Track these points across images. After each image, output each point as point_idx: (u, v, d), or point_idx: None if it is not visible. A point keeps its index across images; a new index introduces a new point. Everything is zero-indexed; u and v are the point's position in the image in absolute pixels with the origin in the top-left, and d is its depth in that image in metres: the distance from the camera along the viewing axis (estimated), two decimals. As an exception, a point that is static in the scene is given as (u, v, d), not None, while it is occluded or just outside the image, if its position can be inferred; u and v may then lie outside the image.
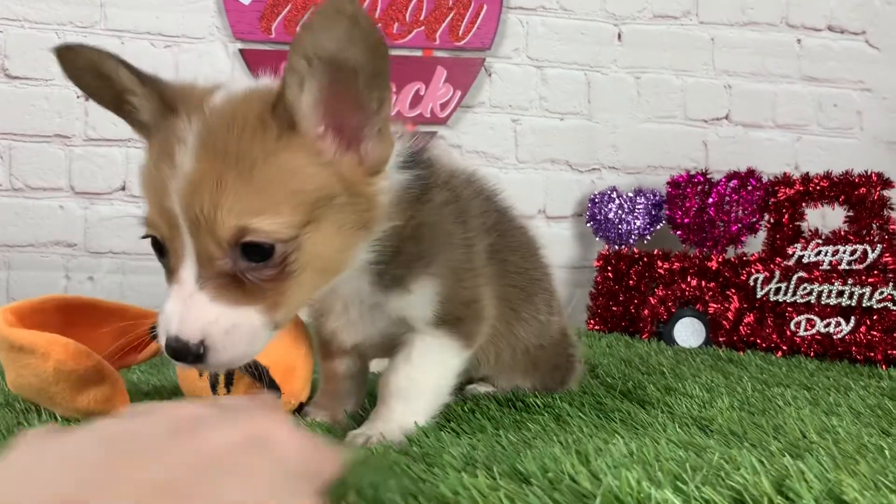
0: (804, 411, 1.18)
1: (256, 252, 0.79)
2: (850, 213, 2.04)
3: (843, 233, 2.03)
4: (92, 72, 0.84)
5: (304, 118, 0.82)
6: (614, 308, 2.38)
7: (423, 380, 1.04)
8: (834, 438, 1.01)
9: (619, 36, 2.65)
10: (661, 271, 2.27)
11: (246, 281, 0.80)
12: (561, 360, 1.33)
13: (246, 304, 0.80)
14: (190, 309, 0.79)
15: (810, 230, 2.10)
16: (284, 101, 0.80)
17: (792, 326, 2.02)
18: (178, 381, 1.09)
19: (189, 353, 0.78)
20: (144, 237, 0.84)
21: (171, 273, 0.81)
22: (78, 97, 2.42)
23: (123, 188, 2.45)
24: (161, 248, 0.83)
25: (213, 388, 1.04)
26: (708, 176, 2.31)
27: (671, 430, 1.05)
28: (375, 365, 1.49)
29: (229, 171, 0.78)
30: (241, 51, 2.48)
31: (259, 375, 1.04)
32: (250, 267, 0.80)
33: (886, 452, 0.93)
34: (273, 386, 1.06)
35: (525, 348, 1.25)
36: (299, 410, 1.13)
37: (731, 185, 2.24)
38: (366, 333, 1.05)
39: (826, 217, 2.48)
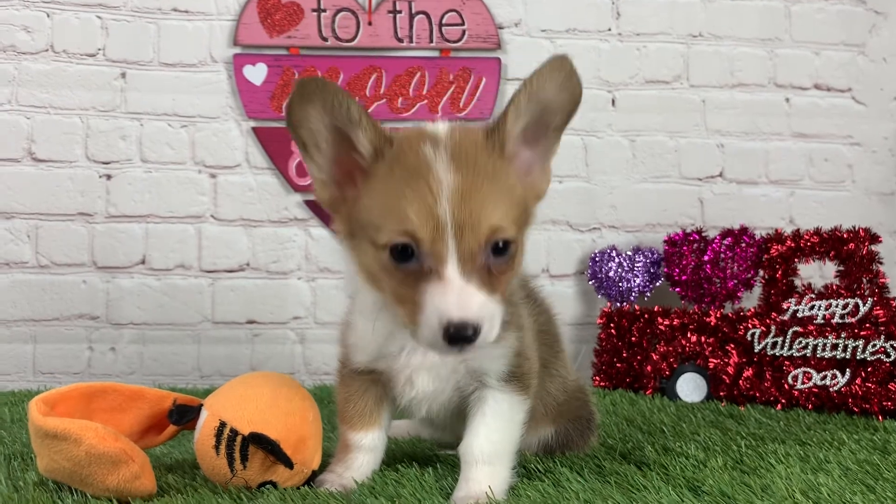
0: (794, 469, 1.23)
1: (500, 249, 1.00)
2: (841, 268, 2.11)
3: (834, 287, 2.09)
4: (323, 101, 1.02)
5: (511, 144, 1.06)
6: (618, 364, 2.44)
7: (503, 439, 1.14)
8: (817, 497, 1.07)
9: (613, 102, 2.77)
10: (662, 328, 2.34)
11: (490, 274, 0.99)
12: (583, 412, 1.42)
13: (491, 294, 0.99)
14: (467, 298, 0.95)
15: (804, 285, 2.17)
16: (502, 128, 1.04)
17: (790, 380, 2.07)
18: (196, 457, 1.16)
19: (465, 336, 0.94)
20: (395, 245, 0.98)
21: (425, 273, 0.97)
22: (100, 177, 2.56)
23: (143, 262, 2.56)
24: (408, 255, 0.98)
25: (231, 463, 1.11)
26: (703, 234, 2.40)
27: (664, 493, 1.10)
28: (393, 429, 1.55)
29: (484, 183, 0.99)
30: (254, 129, 2.61)
31: (272, 449, 1.11)
32: (495, 261, 1.00)
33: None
34: (285, 458, 1.13)
35: (553, 403, 1.35)
36: (312, 479, 1.19)
37: (725, 242, 2.33)
38: (441, 393, 1.16)
39: (824, 269, 2.56)
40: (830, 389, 2.01)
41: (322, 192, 1.10)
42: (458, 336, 0.93)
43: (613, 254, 2.57)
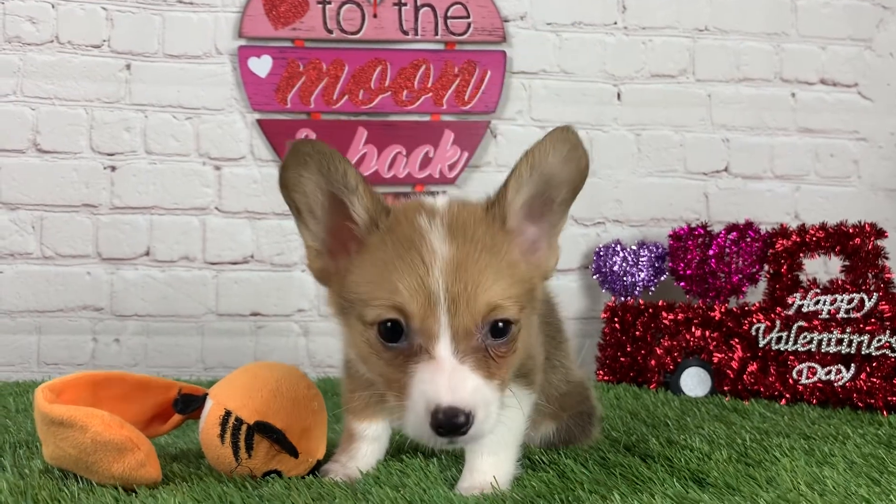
0: (799, 462, 1.23)
1: (499, 329, 0.92)
2: (847, 263, 2.10)
3: (840, 282, 2.09)
4: (318, 165, 0.95)
5: (513, 218, 0.99)
6: (622, 359, 2.44)
7: (508, 430, 1.11)
8: (822, 490, 1.07)
9: (619, 95, 2.76)
10: (667, 322, 2.33)
11: (488, 356, 0.91)
12: (583, 407, 1.41)
13: (488, 379, 0.91)
14: (459, 381, 0.87)
15: (809, 280, 2.16)
16: (502, 201, 0.97)
17: (794, 374, 2.07)
18: (201, 446, 1.16)
19: (457, 424, 0.85)
20: (384, 322, 0.91)
21: (414, 353, 0.90)
22: (105, 168, 2.56)
23: (147, 253, 2.57)
24: (396, 334, 0.91)
25: (236, 452, 1.11)
26: (708, 228, 2.39)
27: (669, 484, 1.10)
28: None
29: (482, 255, 0.92)
30: (259, 121, 2.61)
31: (277, 439, 1.11)
32: (493, 343, 0.92)
33: None
34: (290, 447, 1.13)
35: (555, 394, 1.33)
36: (317, 468, 1.19)
37: (730, 237, 2.32)
38: None
39: (829, 264, 2.55)
40: (835, 384, 2.00)
41: (314, 262, 1.04)
42: (448, 424, 0.85)
43: (618, 248, 2.56)
